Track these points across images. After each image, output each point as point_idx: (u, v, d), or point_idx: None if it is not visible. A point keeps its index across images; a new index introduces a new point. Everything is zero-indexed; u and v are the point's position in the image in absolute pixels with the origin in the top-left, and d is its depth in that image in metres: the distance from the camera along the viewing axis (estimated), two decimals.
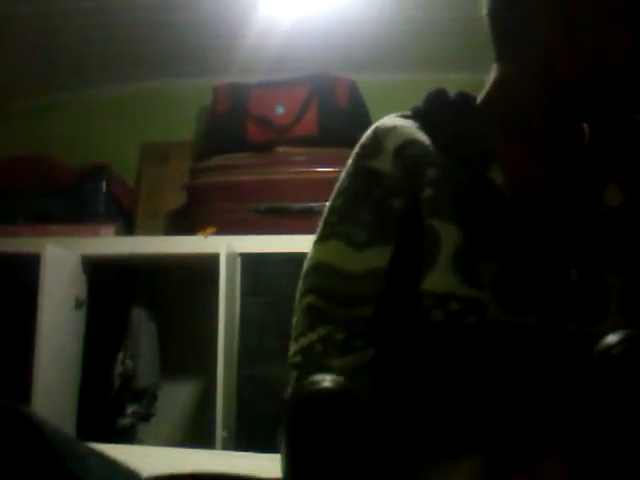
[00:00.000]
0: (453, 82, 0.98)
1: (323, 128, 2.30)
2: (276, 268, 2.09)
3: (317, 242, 0.87)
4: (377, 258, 0.82)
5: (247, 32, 2.25)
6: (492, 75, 0.90)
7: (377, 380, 0.78)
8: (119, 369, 2.28)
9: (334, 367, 0.78)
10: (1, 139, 2.68)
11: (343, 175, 0.88)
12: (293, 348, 0.85)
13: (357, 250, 0.82)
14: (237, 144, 2.33)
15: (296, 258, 2.05)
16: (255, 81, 2.41)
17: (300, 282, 0.87)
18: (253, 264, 2.10)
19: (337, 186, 0.88)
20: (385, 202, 0.83)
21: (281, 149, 2.30)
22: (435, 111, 0.88)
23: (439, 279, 0.76)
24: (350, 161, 0.88)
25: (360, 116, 2.35)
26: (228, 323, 2.02)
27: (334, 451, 0.68)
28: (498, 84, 0.88)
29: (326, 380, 0.71)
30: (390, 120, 0.88)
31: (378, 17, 2.22)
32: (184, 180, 2.44)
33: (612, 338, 0.60)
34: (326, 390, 0.70)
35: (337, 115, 2.30)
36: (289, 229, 2.11)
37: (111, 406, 2.27)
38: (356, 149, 0.88)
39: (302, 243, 2.06)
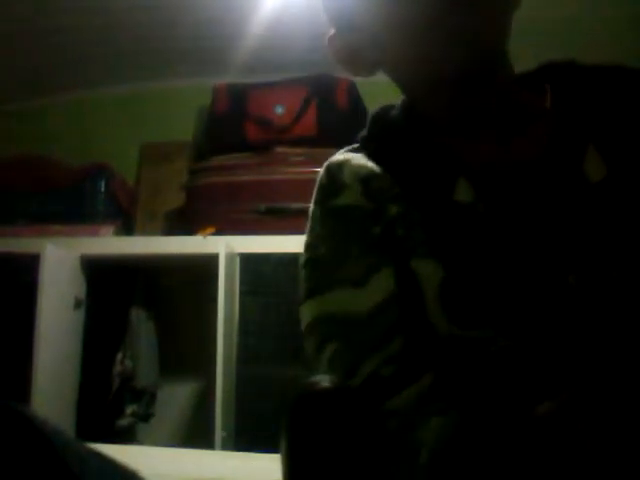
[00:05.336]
0: None
1: (322, 128, 2.30)
2: (275, 268, 2.09)
3: (315, 295, 0.79)
4: (383, 284, 0.76)
5: (247, 32, 2.26)
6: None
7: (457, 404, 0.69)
8: (118, 369, 2.28)
9: (394, 409, 0.71)
10: (1, 139, 2.68)
11: (312, 221, 0.84)
12: None
13: (360, 287, 0.76)
14: (236, 144, 2.33)
15: (295, 258, 2.05)
16: (254, 81, 2.41)
17: (309, 337, 0.79)
18: (252, 264, 2.10)
19: (311, 234, 0.84)
20: (367, 232, 0.79)
21: (280, 149, 2.30)
22: (380, 136, 0.86)
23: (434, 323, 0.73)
24: (314, 206, 0.84)
25: (359, 117, 2.35)
26: (227, 323, 2.02)
27: (333, 451, 0.68)
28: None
29: (325, 380, 0.71)
30: (340, 155, 0.86)
31: None
32: (184, 180, 2.44)
33: None
34: (325, 390, 0.70)
35: (336, 115, 2.30)
36: (288, 229, 2.11)
37: (110, 406, 2.27)
38: (316, 192, 0.85)
39: (301, 243, 2.08)
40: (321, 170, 0.86)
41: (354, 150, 0.87)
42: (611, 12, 2.13)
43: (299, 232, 2.22)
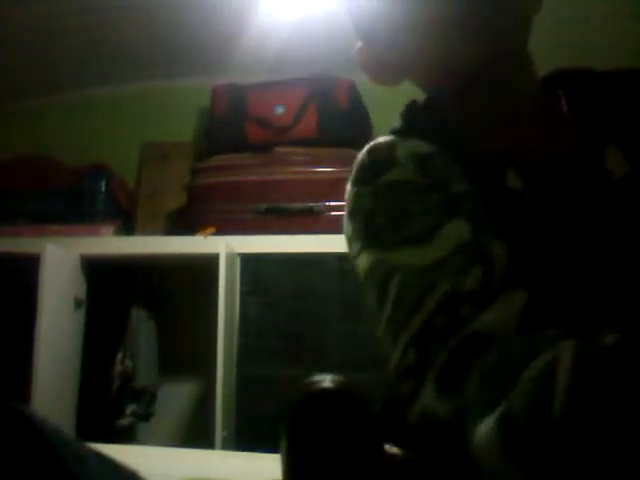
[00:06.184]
0: None
1: (323, 129, 2.30)
2: (275, 268, 2.09)
3: (373, 248, 0.74)
4: (456, 232, 0.70)
5: (246, 32, 2.26)
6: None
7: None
8: (118, 369, 2.28)
9: (482, 329, 0.62)
10: (1, 139, 2.68)
11: (357, 200, 0.79)
12: (398, 348, 0.67)
13: (426, 241, 0.70)
14: (237, 145, 2.34)
15: (295, 258, 2.08)
16: (254, 82, 2.42)
17: (368, 282, 0.74)
18: (252, 264, 2.10)
19: (358, 213, 0.78)
20: (426, 196, 0.74)
21: (281, 149, 2.30)
22: (419, 124, 0.84)
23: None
24: (359, 186, 0.79)
25: (360, 117, 2.36)
26: (227, 323, 2.02)
27: (333, 451, 0.68)
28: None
29: (326, 380, 0.71)
30: (386, 138, 0.82)
31: None
32: (184, 180, 2.44)
33: None
34: (326, 390, 0.70)
35: (337, 116, 2.30)
36: (289, 229, 2.11)
37: (110, 406, 2.27)
38: (359, 173, 0.80)
39: (302, 243, 2.08)
40: (362, 152, 0.81)
41: (394, 134, 0.83)
42: (624, 11, 2.13)
43: (299, 232, 2.23)
